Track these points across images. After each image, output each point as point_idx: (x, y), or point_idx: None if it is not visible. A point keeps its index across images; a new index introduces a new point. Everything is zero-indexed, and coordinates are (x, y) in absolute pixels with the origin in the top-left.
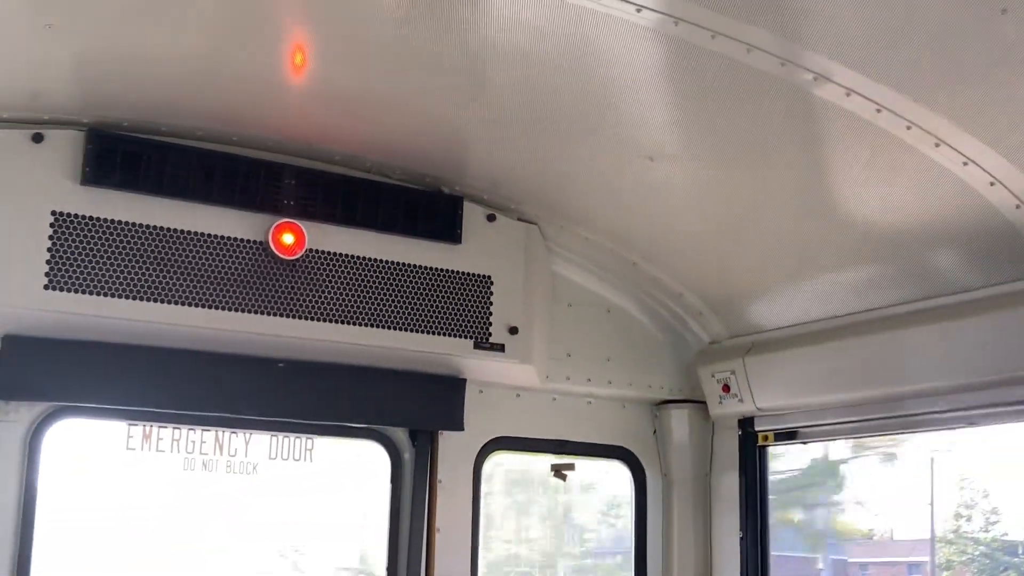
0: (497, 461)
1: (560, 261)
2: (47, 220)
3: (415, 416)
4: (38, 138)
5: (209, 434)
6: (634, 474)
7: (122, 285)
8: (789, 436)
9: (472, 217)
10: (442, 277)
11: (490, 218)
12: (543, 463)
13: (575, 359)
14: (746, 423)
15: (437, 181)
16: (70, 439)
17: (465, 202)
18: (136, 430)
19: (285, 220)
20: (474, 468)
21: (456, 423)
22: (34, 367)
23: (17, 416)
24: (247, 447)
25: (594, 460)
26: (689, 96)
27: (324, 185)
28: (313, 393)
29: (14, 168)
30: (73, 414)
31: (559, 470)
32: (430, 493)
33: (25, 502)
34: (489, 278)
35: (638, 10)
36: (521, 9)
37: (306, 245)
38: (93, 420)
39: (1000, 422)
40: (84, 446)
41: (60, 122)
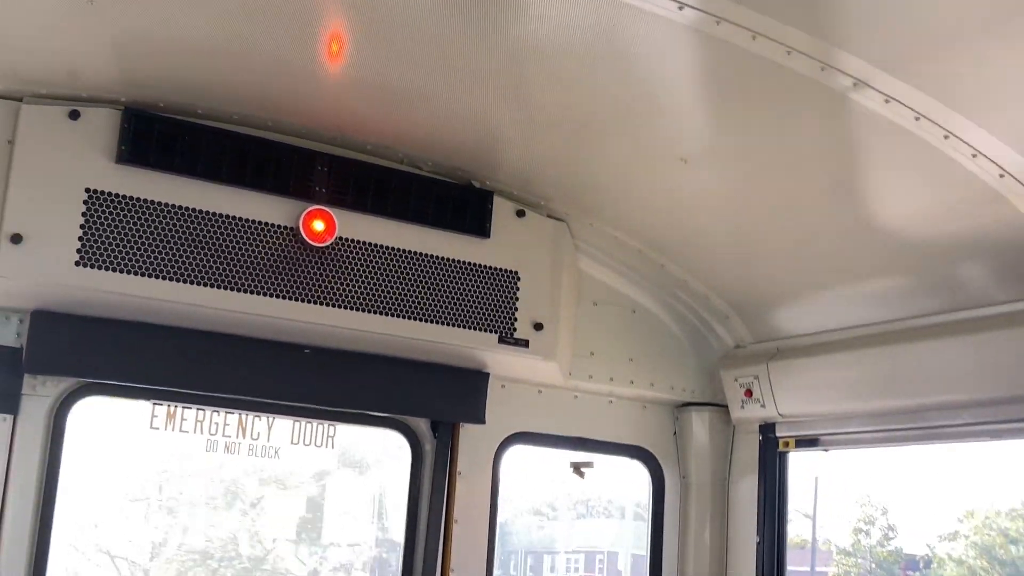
0: None
1: (587, 259)
2: (81, 197)
3: (437, 408)
4: (75, 115)
5: (233, 416)
6: (653, 474)
7: (152, 265)
8: (810, 443)
9: (502, 212)
10: (470, 270)
11: (519, 214)
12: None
13: (598, 358)
14: (767, 428)
15: (468, 175)
16: (95, 416)
17: (495, 197)
18: (160, 410)
19: (316, 207)
20: (493, 461)
21: (478, 416)
22: (62, 343)
23: (44, 390)
24: (270, 431)
25: (614, 458)
26: (726, 97)
27: (356, 174)
28: (337, 380)
29: (50, 144)
30: (99, 392)
31: (578, 467)
32: (449, 484)
33: (47, 476)
34: (516, 273)
35: (680, 7)
36: (560, 6)
37: (336, 233)
38: (118, 399)
39: (1022, 436)
40: (109, 424)
41: (97, 100)
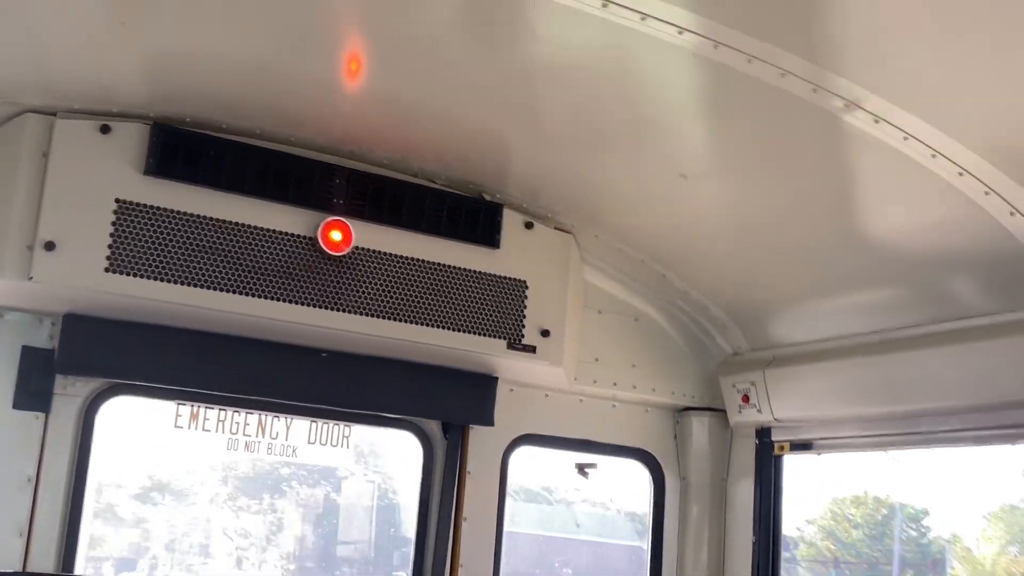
0: None
1: (592, 270)
2: (111, 207)
3: (448, 410)
4: (105, 129)
5: (253, 417)
6: (653, 476)
7: (178, 271)
8: (804, 447)
9: (511, 224)
10: (480, 279)
11: (528, 226)
12: None
13: (602, 364)
14: (763, 433)
15: (479, 188)
16: (123, 415)
17: (505, 209)
18: (184, 410)
19: (334, 218)
20: (502, 462)
21: (487, 418)
22: (92, 345)
23: (74, 390)
24: (288, 431)
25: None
26: (723, 117)
27: (372, 186)
28: (353, 383)
29: (82, 157)
30: (126, 392)
31: (582, 468)
32: (459, 483)
33: (77, 471)
34: (524, 283)
35: (679, 32)
36: (568, 28)
37: (353, 243)
38: (145, 399)
39: (1009, 443)
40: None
41: (127, 115)
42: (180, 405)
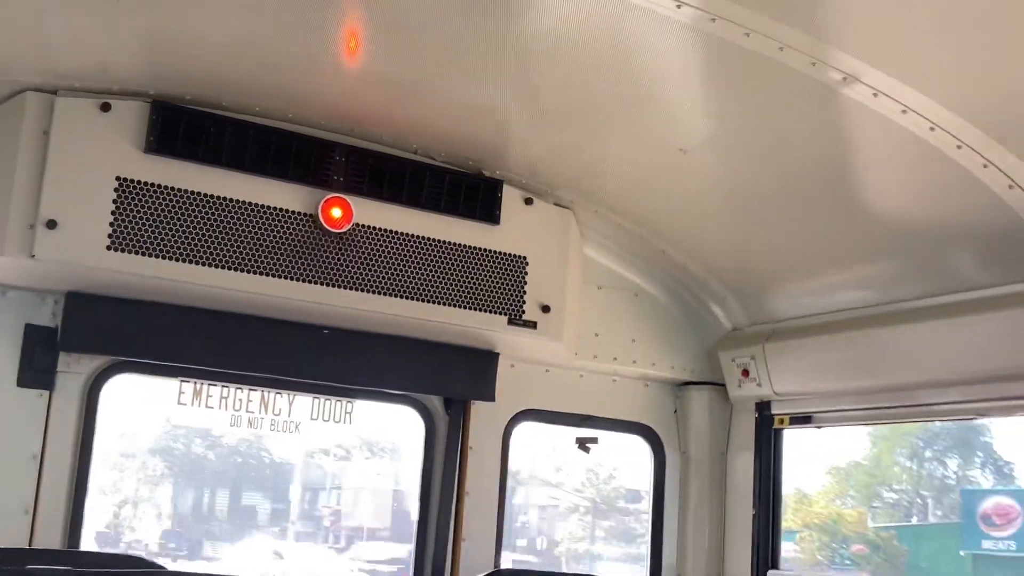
0: None
1: (592, 245)
2: (112, 185)
3: (450, 386)
4: (106, 107)
5: (256, 393)
6: (654, 450)
7: (180, 249)
8: (804, 420)
9: (511, 200)
10: (480, 256)
11: (528, 202)
12: None
13: (603, 339)
14: (763, 406)
15: (479, 164)
16: (126, 392)
17: (505, 186)
18: (188, 387)
19: (334, 195)
20: (503, 437)
21: (488, 394)
22: (95, 323)
23: (78, 368)
24: (291, 407)
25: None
26: (722, 91)
27: (372, 163)
28: (355, 359)
29: (83, 135)
30: (130, 369)
31: (583, 443)
32: (461, 458)
33: (82, 448)
34: (524, 258)
35: (678, 6)
36: (566, 3)
37: (353, 219)
38: (148, 376)
39: (1007, 415)
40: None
41: (127, 93)
42: (183, 382)
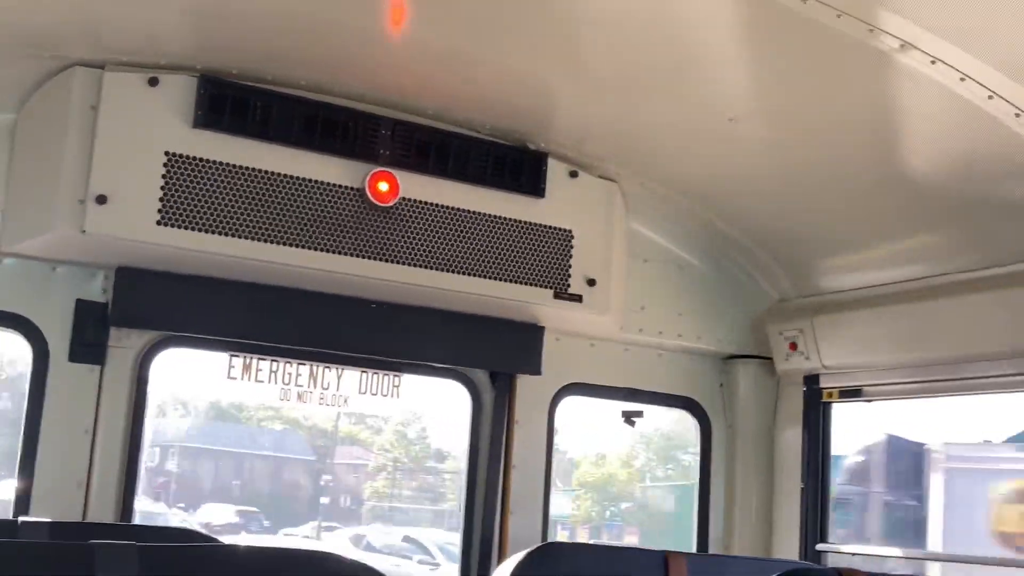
0: None
1: (638, 218)
2: (161, 160)
3: (496, 359)
4: (154, 82)
5: (304, 367)
6: (700, 424)
7: (228, 224)
8: (854, 394)
9: (555, 173)
10: (525, 229)
11: (573, 174)
12: None
13: (648, 312)
14: (811, 380)
15: (523, 137)
16: (177, 366)
17: (549, 158)
18: (237, 361)
19: (381, 169)
20: (549, 410)
21: (534, 367)
22: (145, 298)
23: (129, 342)
24: (339, 381)
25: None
26: (775, 59)
27: (418, 137)
28: (402, 333)
29: (132, 110)
30: (179, 344)
31: (629, 416)
32: (508, 432)
33: (133, 422)
34: (570, 232)
35: None
36: None
37: (400, 193)
38: (198, 350)
39: None
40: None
41: (174, 67)
42: (233, 356)
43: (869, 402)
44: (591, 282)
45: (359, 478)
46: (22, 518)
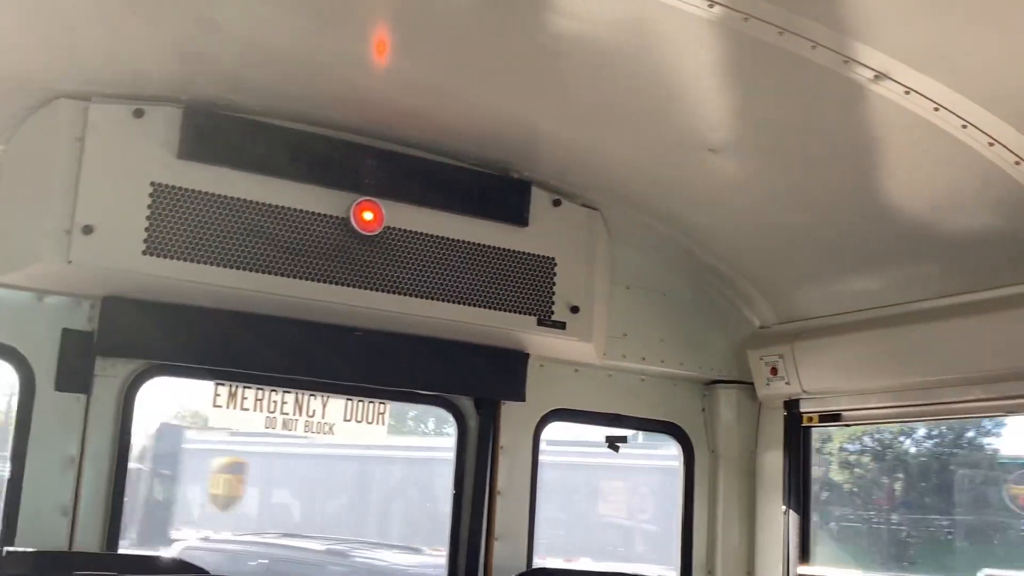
0: None
1: (620, 245)
2: (147, 191)
3: (481, 386)
4: (139, 113)
5: (290, 395)
6: (683, 449)
7: (214, 253)
8: (833, 418)
9: (539, 201)
10: (509, 257)
11: (556, 203)
12: None
13: (631, 338)
14: (792, 404)
15: (507, 166)
16: (163, 395)
17: (533, 187)
18: (223, 389)
19: (366, 198)
20: (534, 436)
21: (519, 394)
22: (131, 327)
23: (114, 371)
24: (324, 409)
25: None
26: (753, 90)
27: (402, 167)
28: (387, 361)
29: (117, 141)
30: (165, 372)
31: (612, 442)
32: (493, 458)
33: (119, 450)
34: (553, 260)
35: (710, 5)
36: (594, 3)
37: (384, 222)
38: (183, 379)
39: None
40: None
41: (160, 99)
42: (219, 384)
43: (848, 426)
44: (574, 309)
45: None
46: (7, 548)
